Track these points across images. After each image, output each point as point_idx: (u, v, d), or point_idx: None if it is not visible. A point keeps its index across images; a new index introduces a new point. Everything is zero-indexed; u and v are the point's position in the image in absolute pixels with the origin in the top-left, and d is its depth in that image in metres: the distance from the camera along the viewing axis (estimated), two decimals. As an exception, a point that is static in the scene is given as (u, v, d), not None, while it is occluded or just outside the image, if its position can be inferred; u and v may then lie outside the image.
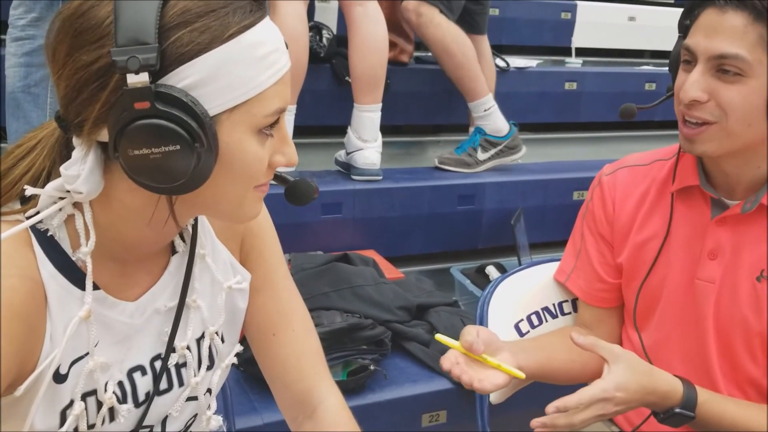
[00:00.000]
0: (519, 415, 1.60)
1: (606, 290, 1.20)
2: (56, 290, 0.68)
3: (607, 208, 1.18)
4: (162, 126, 0.61)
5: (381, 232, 2.17)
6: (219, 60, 0.63)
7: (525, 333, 1.26)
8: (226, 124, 0.64)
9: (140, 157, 0.62)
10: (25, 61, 1.90)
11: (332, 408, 0.90)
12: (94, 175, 0.66)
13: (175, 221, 0.69)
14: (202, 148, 0.62)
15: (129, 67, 0.59)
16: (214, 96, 0.63)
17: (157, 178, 0.63)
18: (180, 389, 0.80)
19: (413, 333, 1.70)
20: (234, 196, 0.69)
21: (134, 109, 0.60)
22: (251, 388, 1.49)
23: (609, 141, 3.26)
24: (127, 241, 0.72)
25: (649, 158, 1.19)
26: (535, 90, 2.44)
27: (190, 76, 0.62)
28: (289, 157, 0.71)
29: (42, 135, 0.71)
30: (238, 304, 0.86)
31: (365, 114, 2.12)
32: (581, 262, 1.22)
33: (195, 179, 0.64)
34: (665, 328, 1.13)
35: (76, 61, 0.62)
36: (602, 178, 1.20)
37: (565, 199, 2.42)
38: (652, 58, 3.99)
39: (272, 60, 0.66)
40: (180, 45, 0.62)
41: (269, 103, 0.66)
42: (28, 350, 0.66)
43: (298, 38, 1.94)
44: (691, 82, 0.97)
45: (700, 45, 0.97)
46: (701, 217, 1.09)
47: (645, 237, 1.14)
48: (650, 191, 1.15)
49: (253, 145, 0.67)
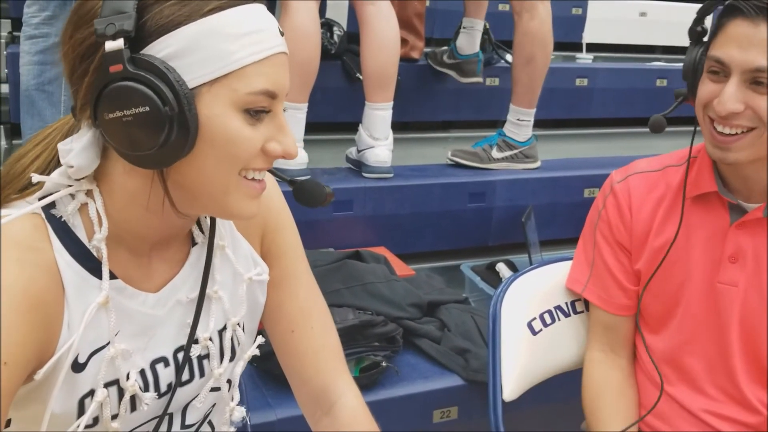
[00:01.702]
0: (532, 412, 1.62)
1: (626, 297, 1.20)
2: (73, 279, 0.69)
3: (623, 214, 1.18)
4: (131, 87, 0.63)
5: (392, 229, 2.17)
6: (198, 32, 0.64)
7: (538, 331, 1.27)
8: (206, 97, 0.65)
9: (114, 121, 0.64)
10: (38, 59, 1.92)
11: (350, 404, 0.90)
12: (88, 151, 0.67)
13: (171, 203, 0.69)
14: (173, 113, 0.63)
15: (107, 33, 0.62)
16: (193, 68, 0.64)
17: (131, 143, 0.64)
18: (201, 380, 0.81)
19: (424, 330, 1.70)
20: (219, 179, 0.68)
21: (109, 73, 0.63)
22: (265, 384, 1.50)
23: (620, 138, 3.25)
24: (137, 230, 0.72)
25: (659, 164, 1.19)
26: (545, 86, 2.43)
27: (169, 47, 0.64)
28: (286, 147, 0.70)
29: (57, 125, 0.73)
30: (257, 296, 0.86)
31: (377, 112, 2.12)
32: (597, 271, 1.22)
33: (171, 150, 0.65)
34: (686, 331, 1.13)
35: (75, 41, 0.66)
36: (614, 186, 1.20)
37: (575, 196, 2.42)
38: (663, 54, 3.96)
39: (256, 39, 0.67)
40: (161, 17, 0.64)
41: (252, 80, 0.66)
42: (47, 339, 0.67)
43: (310, 36, 1.95)
44: (728, 95, 0.98)
45: (734, 58, 0.97)
46: (720, 222, 1.10)
47: (663, 242, 1.14)
48: (666, 197, 1.16)
49: (236, 122, 0.67)
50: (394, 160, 2.21)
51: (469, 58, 2.53)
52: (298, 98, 1.98)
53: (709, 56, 1.00)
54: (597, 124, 3.21)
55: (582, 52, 3.54)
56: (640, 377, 1.22)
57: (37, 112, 1.94)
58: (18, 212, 0.68)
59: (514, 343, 1.24)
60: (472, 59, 2.53)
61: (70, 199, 0.70)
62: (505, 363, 1.22)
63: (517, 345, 1.25)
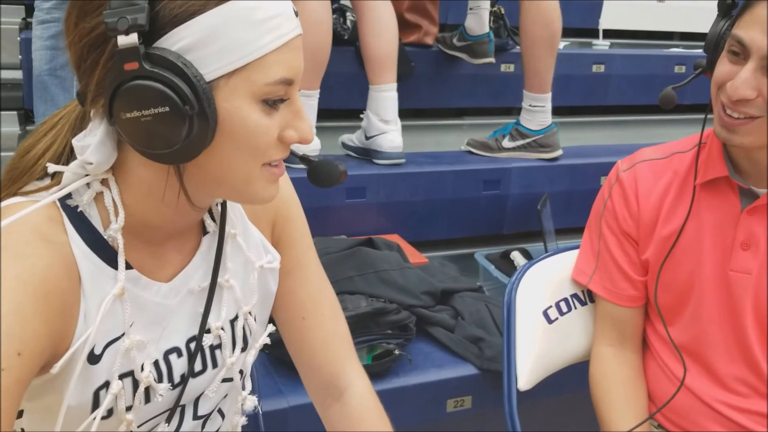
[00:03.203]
0: (546, 401, 1.60)
1: (632, 288, 1.17)
2: (89, 269, 0.68)
3: (630, 204, 1.15)
4: (150, 87, 0.60)
5: (405, 216, 2.15)
6: (214, 22, 0.61)
7: (554, 320, 1.25)
8: (225, 90, 0.63)
9: (132, 121, 0.61)
10: (50, 44, 1.92)
11: (360, 392, 0.89)
12: (104, 146, 0.66)
13: (186, 196, 0.68)
14: (194, 112, 0.61)
15: (119, 27, 0.59)
16: (210, 60, 0.61)
17: (150, 142, 0.62)
18: (214, 371, 0.80)
19: (438, 318, 1.69)
20: (240, 170, 0.67)
21: (124, 71, 0.60)
22: (276, 371, 1.49)
23: (637, 125, 3.20)
24: (152, 220, 0.71)
25: (665, 151, 1.16)
26: (561, 72, 2.39)
27: (183, 39, 0.61)
28: (302, 133, 0.68)
29: (64, 113, 0.72)
30: (269, 285, 0.85)
31: (386, 94, 2.10)
32: (603, 262, 1.19)
33: (191, 146, 0.63)
34: (701, 323, 1.11)
35: (81, 29, 0.63)
36: (620, 175, 1.17)
37: (592, 184, 2.38)
38: (681, 40, 3.90)
39: (274, 24, 0.63)
40: (173, 7, 0.61)
41: (271, 70, 0.64)
42: (63, 329, 0.66)
43: (320, 23, 1.93)
44: (743, 80, 0.94)
45: (755, 41, 0.93)
46: (730, 208, 1.07)
47: (671, 230, 1.11)
48: (673, 184, 1.13)
49: (256, 114, 0.64)
50: (408, 147, 2.19)
51: (479, 38, 2.48)
52: (310, 86, 1.97)
53: (732, 34, 0.97)
54: (614, 111, 3.17)
55: (599, 39, 3.49)
56: (654, 370, 1.19)
57: (50, 97, 1.94)
58: (37, 205, 0.66)
59: (530, 331, 1.23)
60: (483, 39, 2.48)
61: (86, 188, 0.69)
62: (520, 352, 1.21)
63: (533, 334, 1.23)
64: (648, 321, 1.21)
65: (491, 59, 2.52)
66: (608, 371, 1.18)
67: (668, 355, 1.16)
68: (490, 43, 2.49)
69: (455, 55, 2.55)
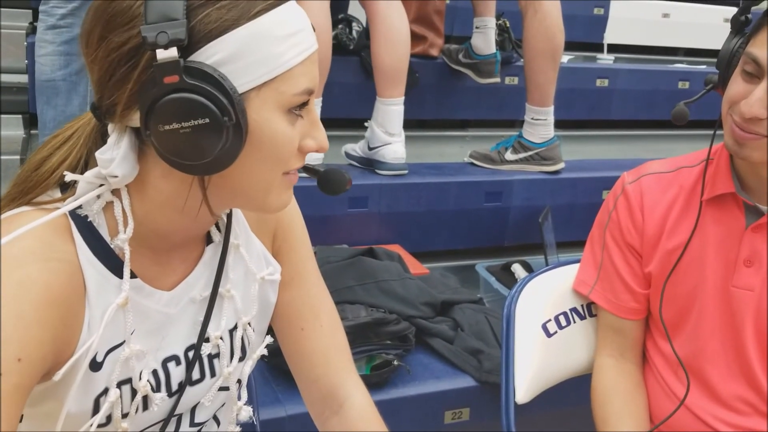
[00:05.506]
0: (544, 415, 1.59)
1: (634, 301, 1.17)
2: (94, 277, 0.68)
3: (635, 216, 1.15)
4: (192, 99, 0.61)
5: (406, 227, 2.16)
6: (247, 36, 0.63)
7: (552, 333, 1.25)
8: (255, 102, 0.64)
9: (170, 133, 0.62)
10: (65, 50, 1.92)
11: (359, 404, 0.89)
12: (128, 159, 0.66)
13: (208, 206, 0.69)
14: (230, 123, 0.62)
15: (158, 42, 0.60)
16: (243, 72, 0.63)
17: (187, 154, 0.63)
18: (212, 380, 0.80)
19: (437, 329, 1.69)
20: (263, 181, 0.68)
21: (164, 84, 0.61)
22: (275, 379, 1.49)
23: (640, 139, 3.21)
24: (163, 230, 0.72)
25: (672, 165, 1.16)
26: (565, 86, 2.40)
27: (218, 53, 0.62)
28: (320, 142, 0.71)
29: (78, 125, 0.72)
30: (269, 296, 0.86)
31: (393, 107, 2.11)
32: (605, 274, 1.19)
33: (224, 157, 0.64)
34: (702, 338, 1.10)
35: (109, 43, 0.63)
36: (626, 187, 1.17)
37: (594, 197, 2.39)
38: (686, 56, 3.91)
39: (299, 38, 0.66)
40: (208, 22, 0.62)
41: (297, 81, 0.66)
42: (66, 336, 0.66)
43: (321, 33, 1.93)
44: (757, 99, 0.95)
45: None
46: (735, 224, 1.07)
47: (675, 244, 1.11)
48: (679, 198, 1.13)
49: (283, 125, 0.66)
50: (411, 158, 2.20)
51: (486, 58, 2.49)
52: (312, 95, 1.98)
53: (747, 52, 0.97)
54: (617, 125, 3.18)
55: (603, 53, 3.50)
56: (652, 386, 1.19)
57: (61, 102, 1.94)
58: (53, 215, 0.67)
59: (529, 344, 1.22)
60: (490, 60, 2.49)
61: (96, 197, 0.69)
62: (518, 365, 1.21)
63: (532, 347, 1.23)
64: (649, 335, 1.21)
65: (497, 79, 2.54)
66: (608, 382, 1.18)
67: (668, 372, 1.16)
68: (497, 63, 2.50)
69: (460, 70, 2.56)
